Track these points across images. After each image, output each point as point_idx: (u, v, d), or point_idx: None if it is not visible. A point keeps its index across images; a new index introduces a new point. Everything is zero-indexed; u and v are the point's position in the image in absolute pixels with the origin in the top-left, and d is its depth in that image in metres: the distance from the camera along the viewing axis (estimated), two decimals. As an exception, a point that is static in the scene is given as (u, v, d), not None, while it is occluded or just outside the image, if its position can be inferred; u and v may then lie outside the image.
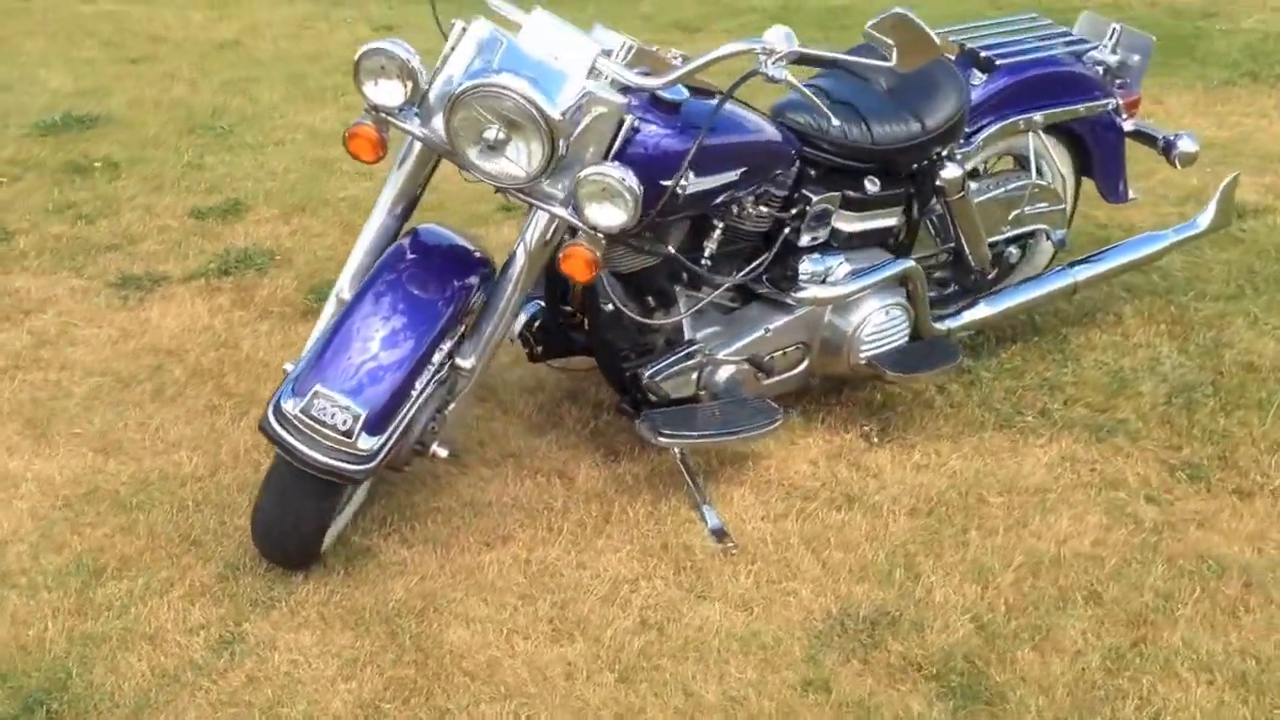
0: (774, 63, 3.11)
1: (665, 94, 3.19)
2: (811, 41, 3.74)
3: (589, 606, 3.17)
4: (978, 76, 3.92)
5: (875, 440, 3.83)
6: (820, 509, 3.52)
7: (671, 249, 3.43)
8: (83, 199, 5.59)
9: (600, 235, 3.06)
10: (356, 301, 3.07)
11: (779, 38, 3.16)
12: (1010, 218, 4.08)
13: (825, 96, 3.73)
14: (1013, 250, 4.19)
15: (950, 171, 3.76)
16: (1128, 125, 4.24)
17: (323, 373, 2.96)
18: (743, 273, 3.60)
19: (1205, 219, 4.41)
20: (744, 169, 3.33)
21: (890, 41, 3.15)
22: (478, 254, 3.25)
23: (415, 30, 8.29)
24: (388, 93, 3.06)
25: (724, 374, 3.62)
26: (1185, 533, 3.43)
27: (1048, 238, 4.26)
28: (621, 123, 3.08)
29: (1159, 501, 3.55)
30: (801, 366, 3.78)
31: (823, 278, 3.70)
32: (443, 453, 3.27)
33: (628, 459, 3.71)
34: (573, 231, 3.09)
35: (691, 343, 3.57)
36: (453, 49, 3.14)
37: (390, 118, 3.10)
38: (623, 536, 3.42)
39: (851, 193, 3.69)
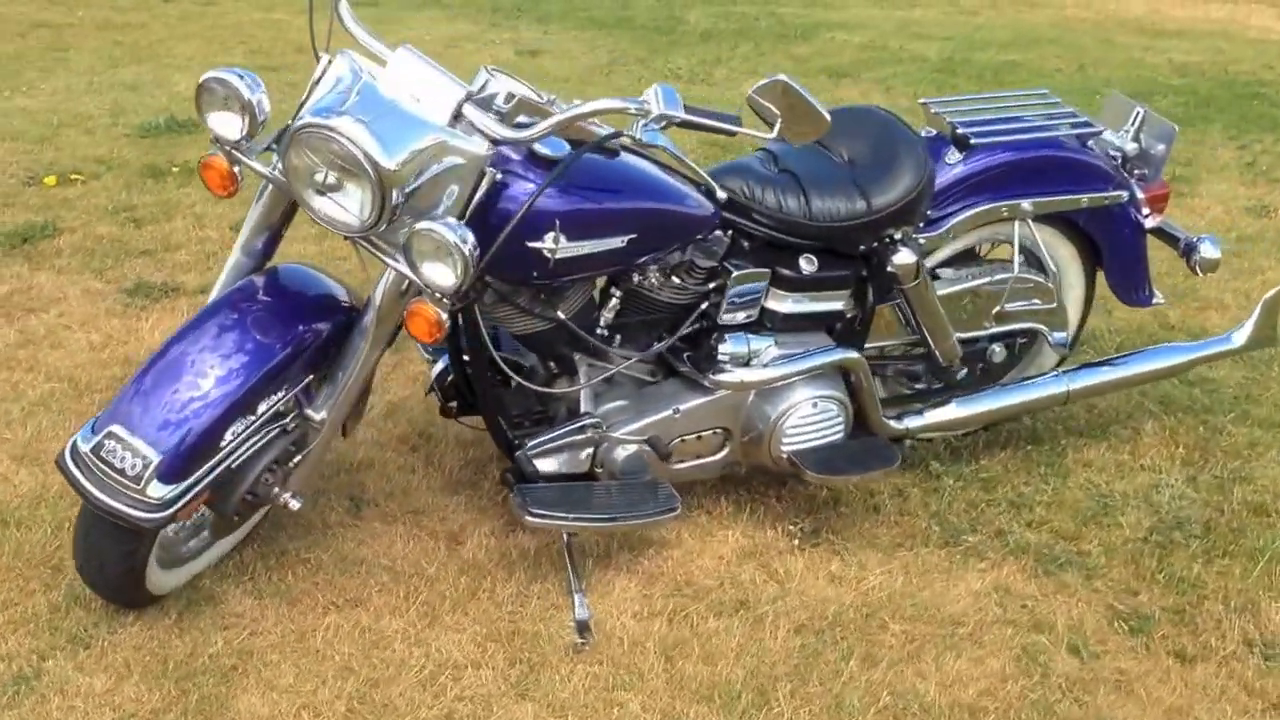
0: (646, 126, 2.85)
1: (545, 149, 2.95)
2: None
3: (400, 690, 2.96)
4: (955, 155, 3.54)
5: (799, 542, 3.49)
6: (702, 612, 3.22)
7: (562, 314, 3.18)
8: (144, 203, 5.65)
9: (441, 295, 2.84)
10: (176, 339, 2.93)
11: (657, 98, 2.89)
12: (992, 313, 3.69)
13: (773, 164, 3.44)
14: (996, 349, 3.79)
15: (903, 257, 3.41)
16: (1150, 222, 3.79)
17: (121, 412, 2.82)
18: (651, 348, 3.33)
19: (1241, 335, 3.92)
20: (632, 236, 3.07)
21: (775, 110, 2.85)
22: (343, 300, 3.07)
23: (560, 57, 8.23)
24: (227, 125, 2.90)
25: (623, 453, 3.35)
26: (1095, 695, 3.01)
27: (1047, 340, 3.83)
28: (483, 175, 2.85)
29: (1083, 654, 3.14)
30: (721, 453, 3.48)
31: (746, 360, 3.39)
32: (294, 504, 3.11)
33: (526, 531, 3.47)
34: None
35: (587, 416, 3.30)
36: (316, 82, 2.96)
37: (235, 151, 2.94)
38: (477, 615, 3.19)
39: (785, 270, 3.38)
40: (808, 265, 3.40)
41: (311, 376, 3.07)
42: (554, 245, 2.95)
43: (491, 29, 9.12)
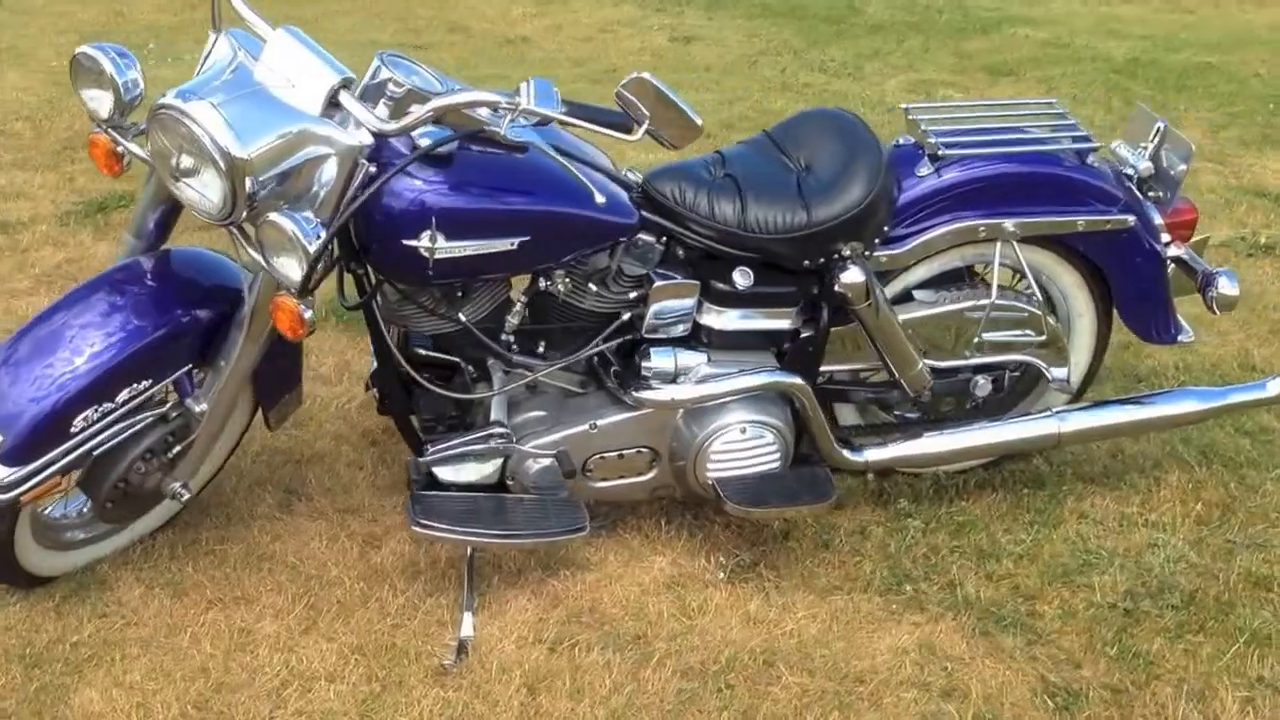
0: (512, 121, 2.66)
1: (429, 142, 2.79)
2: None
3: (244, 698, 2.86)
4: (927, 167, 3.22)
5: (727, 575, 3.24)
6: (590, 643, 3.02)
7: (464, 317, 3.02)
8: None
9: (289, 289, 2.71)
10: (42, 318, 2.88)
11: (528, 93, 2.69)
12: (972, 342, 3.35)
13: (718, 168, 3.19)
14: (980, 381, 3.44)
15: (850, 275, 3.12)
16: (1171, 251, 3.39)
17: None
18: (563, 359, 3.14)
19: (1278, 385, 3.47)
20: (525, 239, 2.87)
21: (644, 109, 2.63)
22: (237, 287, 2.97)
23: (712, 45, 8.02)
24: (100, 102, 2.83)
25: (535, 467, 3.16)
26: (982, 778, 2.68)
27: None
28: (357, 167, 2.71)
29: (989, 729, 2.81)
30: (649, 475, 3.25)
31: (673, 376, 3.15)
32: (183, 494, 3.03)
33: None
34: None
35: (496, 425, 3.12)
36: (205, 61, 2.86)
37: (111, 129, 2.87)
38: (358, 625, 3.07)
39: (718, 284, 3.13)
40: (743, 279, 3.14)
41: (191, 365, 2.98)
42: (431, 245, 2.79)
43: (654, 14, 8.94)
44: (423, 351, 3.19)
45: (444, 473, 3.14)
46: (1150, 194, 3.39)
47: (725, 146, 3.39)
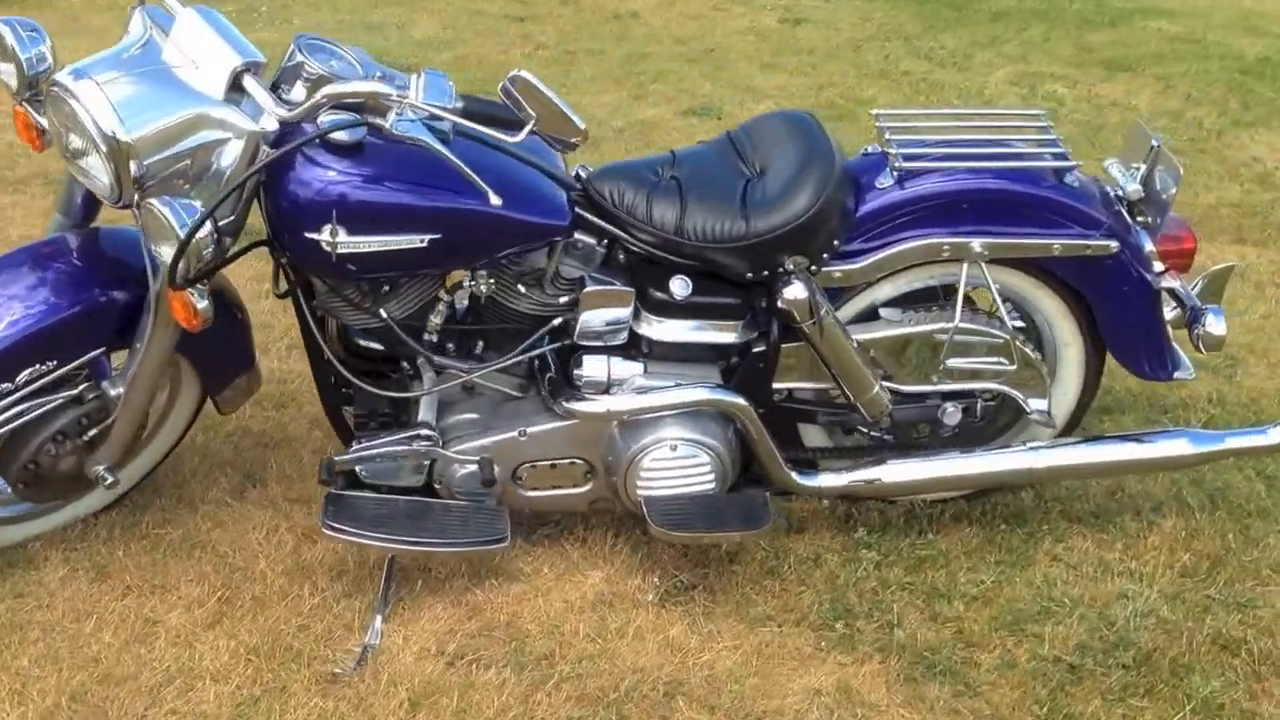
0: (400, 115, 2.56)
1: (342, 135, 2.70)
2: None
3: (123, 693, 2.82)
4: (888, 179, 3.02)
5: (659, 596, 3.10)
6: (492, 661, 2.93)
7: (385, 314, 2.93)
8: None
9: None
10: None
11: (417, 87, 2.59)
12: (939, 367, 3.14)
13: (667, 169, 3.04)
14: (949, 409, 3.23)
15: (792, 291, 2.95)
16: (1166, 281, 3.13)
17: None
18: (495, 362, 3.03)
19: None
20: (436, 236, 2.76)
21: (529, 108, 2.51)
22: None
23: (822, 28, 7.81)
24: (8, 75, 2.80)
25: (462, 472, 3.06)
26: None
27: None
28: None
29: (885, 786, 2.63)
30: (585, 488, 3.13)
31: (605, 386, 3.02)
32: (108, 479, 3.01)
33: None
34: None
35: (423, 426, 3.03)
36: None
37: (26, 103, 2.84)
38: (264, 623, 3.02)
39: (655, 292, 2.98)
40: (681, 288, 2.99)
41: (107, 347, 2.94)
42: (332, 239, 2.70)
43: (775, -8, 8.71)
44: (363, 344, 3.10)
45: (367, 473, 3.05)
46: (1139, 218, 3.13)
47: (683, 147, 3.23)
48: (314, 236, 2.71)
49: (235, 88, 2.69)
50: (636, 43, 7.48)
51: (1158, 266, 3.13)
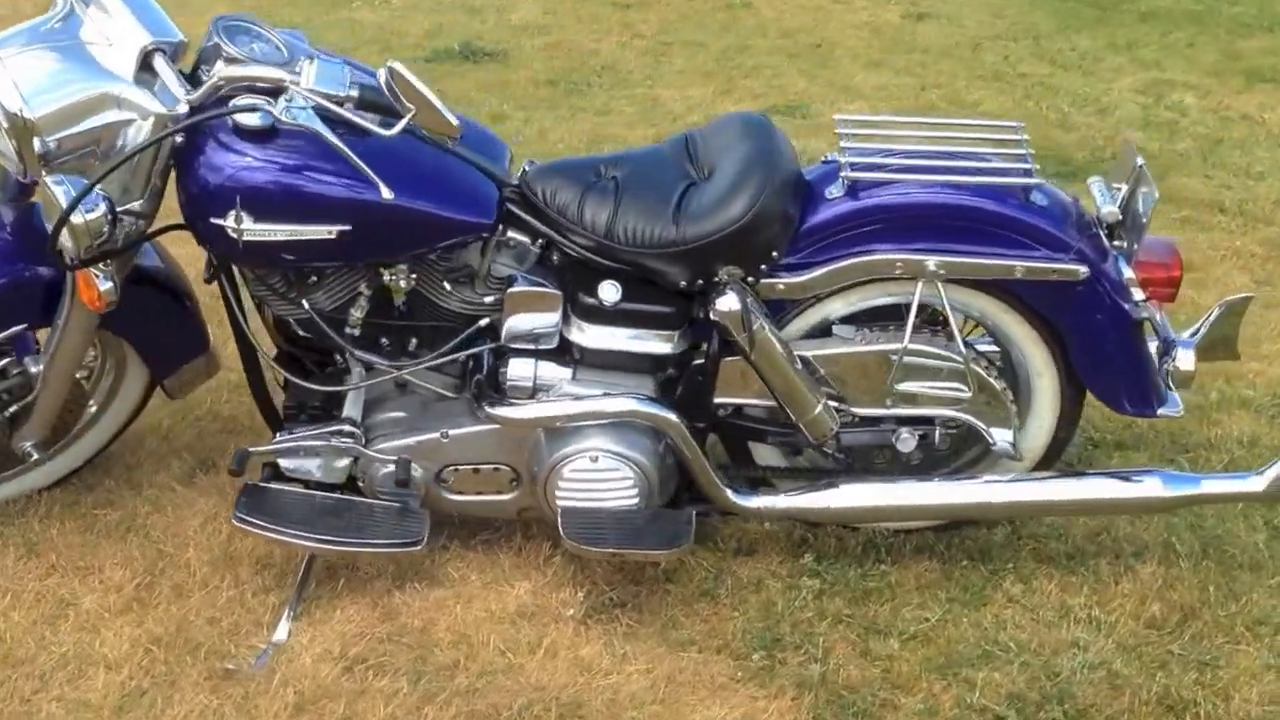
0: (291, 101, 2.48)
1: (252, 119, 2.64)
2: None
3: (17, 676, 2.79)
4: (840, 189, 2.86)
5: (580, 612, 2.98)
6: (391, 669, 2.84)
7: (307, 304, 2.86)
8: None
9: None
10: None
11: (311, 75, 2.51)
12: (891, 390, 2.96)
13: (609, 169, 2.93)
14: (904, 435, 3.04)
15: (725, 302, 2.80)
16: (1146, 311, 2.91)
17: None
18: (416, 361, 2.94)
19: (1265, 481, 2.95)
20: (345, 228, 2.68)
21: (405, 102, 2.41)
22: None
23: (945, 24, 7.51)
24: None
25: (383, 470, 2.98)
26: None
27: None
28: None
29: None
30: (511, 494, 3.02)
31: (531, 391, 2.91)
32: (32, 454, 3.01)
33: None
34: None
35: (346, 422, 2.95)
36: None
37: None
38: (175, 613, 2.98)
39: (584, 296, 2.86)
40: (610, 294, 2.87)
41: (30, 323, 2.92)
42: (237, 225, 2.63)
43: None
44: (302, 334, 3.03)
45: (288, 466, 2.99)
46: (1117, 242, 2.91)
47: (639, 147, 3.10)
48: (219, 222, 2.66)
49: (147, 68, 2.63)
50: (740, 34, 7.24)
51: (1137, 295, 2.91)
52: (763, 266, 2.83)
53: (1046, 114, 6.11)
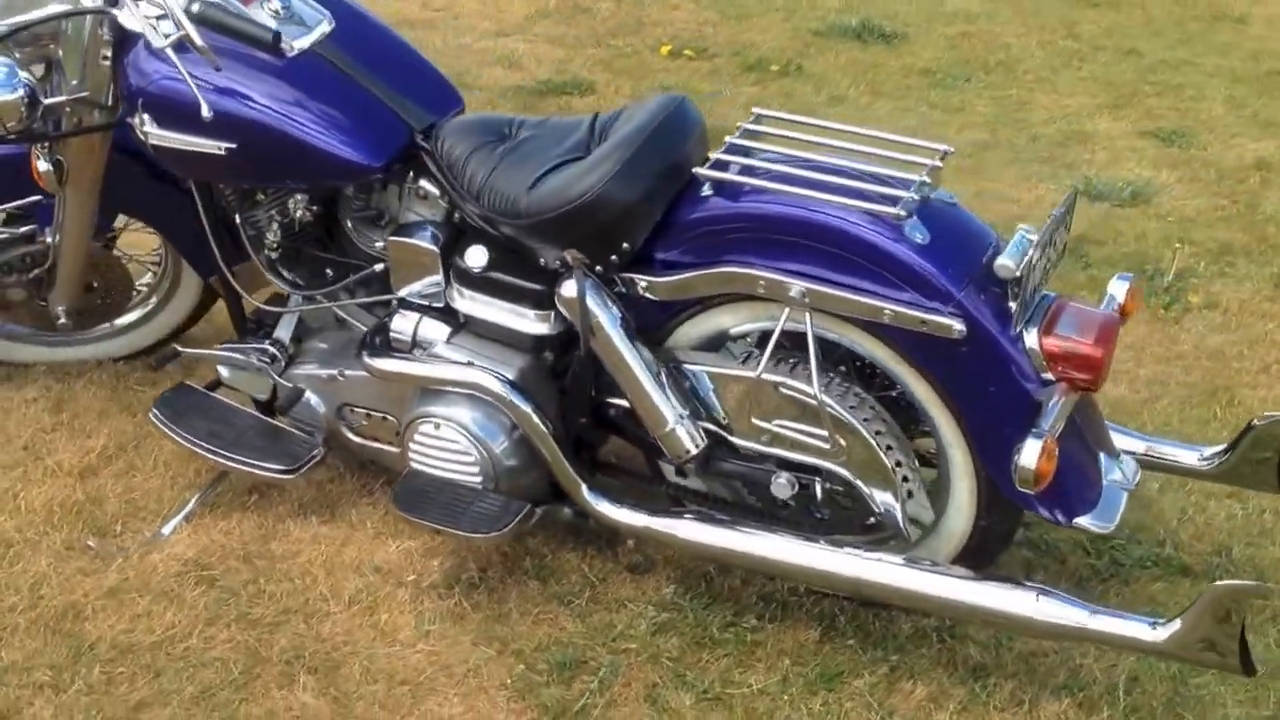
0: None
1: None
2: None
3: None
4: (711, 188, 2.58)
5: (429, 583, 2.93)
6: (220, 584, 2.91)
7: (239, 218, 2.98)
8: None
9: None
10: None
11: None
12: (749, 422, 2.66)
13: (523, 129, 2.82)
14: (781, 481, 2.69)
15: (565, 288, 2.63)
16: (1053, 397, 2.42)
17: None
18: (312, 291, 3.00)
19: (1169, 632, 2.37)
20: (232, 146, 2.75)
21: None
22: None
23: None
24: None
25: (287, 395, 3.06)
26: None
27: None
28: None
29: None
30: (398, 448, 3.00)
31: (411, 346, 2.87)
32: (60, 318, 3.36)
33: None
34: None
35: (273, 343, 3.06)
36: None
37: None
38: (102, 484, 3.19)
39: (457, 259, 2.79)
40: (476, 259, 2.77)
41: (39, 196, 3.21)
42: (144, 128, 2.79)
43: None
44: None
45: (225, 376, 3.13)
46: (1038, 298, 2.44)
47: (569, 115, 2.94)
48: (132, 121, 2.81)
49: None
50: (1198, 49, 6.43)
51: (1042, 373, 2.41)
52: (613, 257, 2.60)
53: None
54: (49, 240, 3.24)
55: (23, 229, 3.28)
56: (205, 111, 2.59)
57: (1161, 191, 4.85)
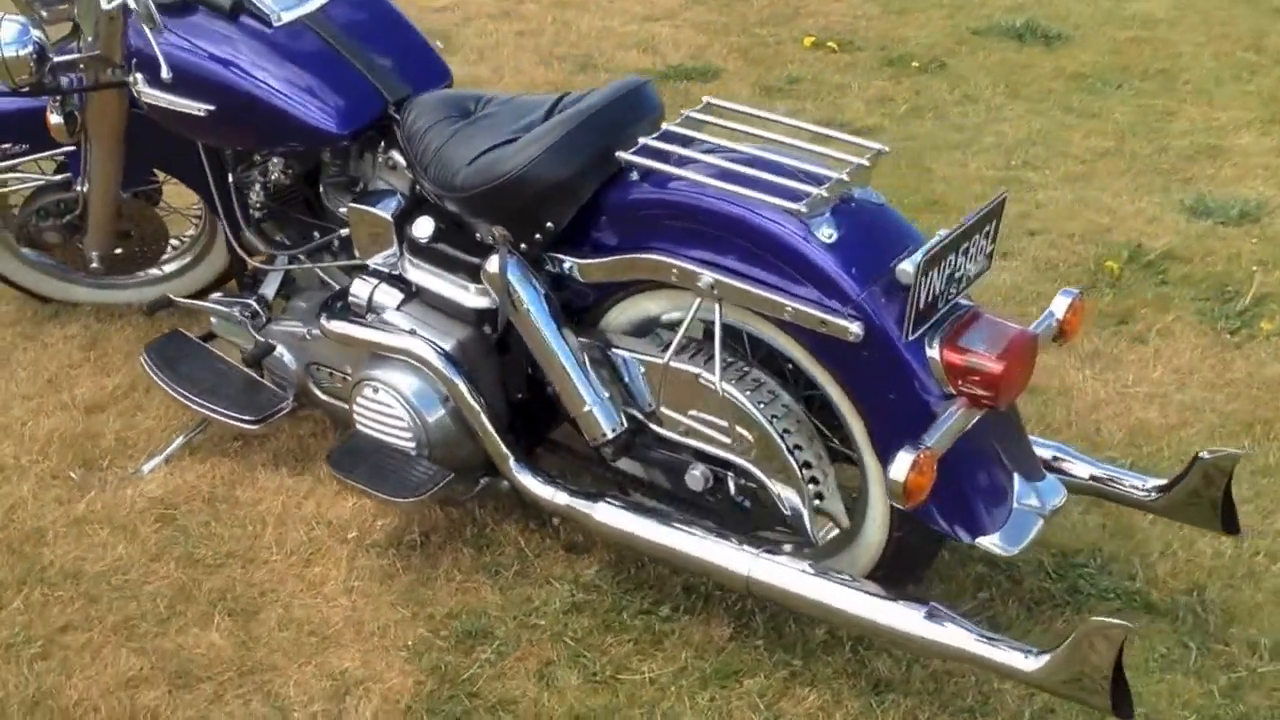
0: None
1: None
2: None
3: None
4: (638, 173, 2.58)
5: (368, 543, 3.00)
6: (176, 523, 3.05)
7: (232, 179, 3.13)
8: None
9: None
10: None
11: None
12: (659, 409, 2.65)
13: (489, 105, 2.87)
14: (695, 473, 2.66)
15: (490, 264, 2.67)
16: (949, 413, 2.35)
17: None
18: (284, 252, 3.11)
19: (1039, 662, 2.29)
20: (210, 109, 2.87)
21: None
22: None
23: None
24: None
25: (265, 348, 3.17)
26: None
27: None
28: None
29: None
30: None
31: (365, 310, 2.96)
32: (93, 262, 3.54)
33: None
34: None
35: (257, 298, 3.19)
36: None
37: None
38: (100, 418, 3.37)
39: (406, 227, 2.86)
40: (423, 230, 2.83)
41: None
42: (138, 86, 2.93)
43: None
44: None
45: (216, 326, 3.25)
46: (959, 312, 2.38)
47: (545, 92, 2.96)
48: (129, 79, 2.94)
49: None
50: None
51: (938, 384, 2.35)
52: (537, 235, 2.63)
53: None
54: (79, 188, 3.40)
55: (58, 176, 3.45)
56: (165, 72, 2.71)
57: (1276, 213, 4.60)
